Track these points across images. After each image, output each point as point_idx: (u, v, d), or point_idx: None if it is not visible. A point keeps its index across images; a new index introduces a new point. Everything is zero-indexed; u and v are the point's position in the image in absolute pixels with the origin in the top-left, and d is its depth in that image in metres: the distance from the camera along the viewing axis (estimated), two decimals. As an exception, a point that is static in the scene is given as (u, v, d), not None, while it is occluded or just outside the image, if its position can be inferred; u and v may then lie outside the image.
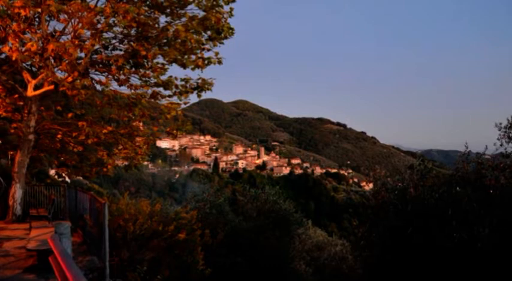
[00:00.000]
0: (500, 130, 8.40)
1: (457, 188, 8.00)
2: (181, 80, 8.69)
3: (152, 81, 8.71)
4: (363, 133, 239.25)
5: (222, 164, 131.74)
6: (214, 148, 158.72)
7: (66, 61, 7.67)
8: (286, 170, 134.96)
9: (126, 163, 10.97)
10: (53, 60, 8.20)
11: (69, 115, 10.32)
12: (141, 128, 10.68)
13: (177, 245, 8.40)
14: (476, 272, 7.02)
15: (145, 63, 8.41)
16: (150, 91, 8.84)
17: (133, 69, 8.59)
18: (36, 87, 9.20)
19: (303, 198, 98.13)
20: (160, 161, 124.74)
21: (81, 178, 23.35)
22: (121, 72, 8.44)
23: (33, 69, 9.58)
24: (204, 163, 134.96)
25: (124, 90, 8.82)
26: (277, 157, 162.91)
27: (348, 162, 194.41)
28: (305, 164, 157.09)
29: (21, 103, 9.64)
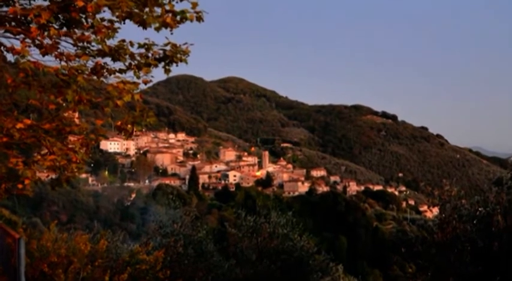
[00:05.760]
0: None
1: None
2: (140, 46, 8.67)
3: (94, 48, 8.69)
4: (424, 129, 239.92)
5: (203, 178, 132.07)
6: (191, 152, 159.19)
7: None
8: (303, 187, 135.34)
9: (53, 175, 10.95)
10: None
11: (-35, 101, 10.37)
12: (77, 121, 10.70)
13: (133, 304, 8.44)
14: None
15: (84, 21, 8.42)
16: (91, 63, 8.85)
17: (64, 29, 8.59)
18: None
19: (330, 230, 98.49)
20: (106, 172, 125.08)
21: (-17, 199, 23.37)
22: (45, 34, 8.44)
23: None
24: (175, 175, 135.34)
25: (50, 62, 8.81)
26: (290, 166, 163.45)
27: (400, 174, 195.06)
28: (333, 178, 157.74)
29: None
